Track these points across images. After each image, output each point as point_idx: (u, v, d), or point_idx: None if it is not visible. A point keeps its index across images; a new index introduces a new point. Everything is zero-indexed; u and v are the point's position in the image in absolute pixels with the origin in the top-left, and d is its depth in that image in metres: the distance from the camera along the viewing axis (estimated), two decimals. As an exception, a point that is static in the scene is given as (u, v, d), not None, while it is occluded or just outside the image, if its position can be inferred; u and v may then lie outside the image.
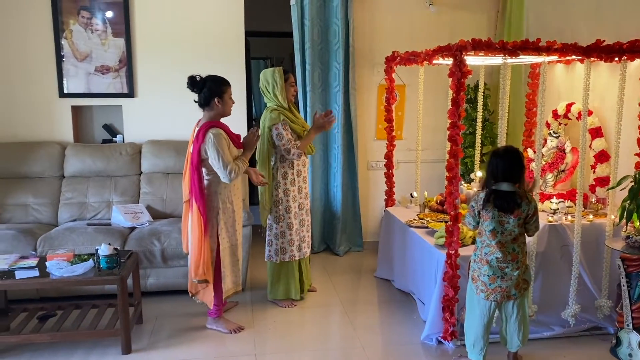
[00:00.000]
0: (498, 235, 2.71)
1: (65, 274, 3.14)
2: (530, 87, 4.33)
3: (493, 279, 2.74)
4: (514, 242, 2.74)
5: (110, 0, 4.56)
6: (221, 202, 3.33)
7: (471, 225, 2.87)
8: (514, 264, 2.74)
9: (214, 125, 3.27)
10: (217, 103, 3.29)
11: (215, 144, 3.19)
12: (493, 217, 2.71)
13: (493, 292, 2.75)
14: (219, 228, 3.34)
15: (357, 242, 5.20)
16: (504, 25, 4.88)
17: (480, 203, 2.75)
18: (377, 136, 5.13)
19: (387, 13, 4.97)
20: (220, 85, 3.31)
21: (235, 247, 3.46)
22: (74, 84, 4.63)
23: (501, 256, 2.72)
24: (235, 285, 3.51)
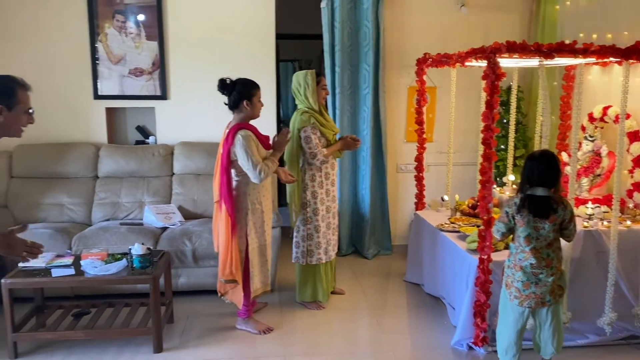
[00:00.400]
0: (533, 241, 2.66)
1: (100, 272, 3.21)
2: (564, 90, 4.25)
3: (527, 285, 2.69)
4: (548, 247, 2.69)
5: (143, 4, 4.64)
6: (250, 203, 3.36)
7: (499, 232, 2.78)
8: (549, 270, 2.68)
9: (243, 127, 3.30)
10: (246, 106, 3.32)
11: (244, 145, 3.21)
12: (528, 222, 2.66)
13: (527, 298, 2.70)
14: (247, 229, 3.36)
15: (385, 245, 5.17)
16: (537, 27, 4.80)
17: (514, 208, 2.70)
18: (407, 138, 5.10)
19: (417, 15, 4.94)
20: (249, 88, 3.34)
21: (264, 247, 3.48)
22: (108, 86, 4.72)
23: (535, 262, 2.66)
24: (263, 285, 3.53)
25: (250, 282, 3.43)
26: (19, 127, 2.30)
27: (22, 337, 3.23)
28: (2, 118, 2.21)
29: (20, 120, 2.28)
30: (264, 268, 3.51)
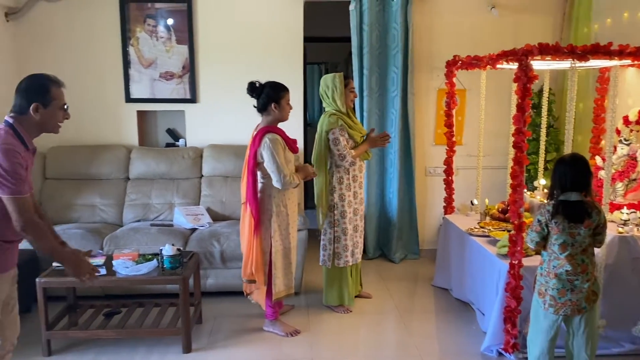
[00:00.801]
0: (569, 248, 2.59)
1: (131, 273, 3.26)
2: (598, 92, 4.15)
3: (563, 293, 2.62)
4: (583, 253, 2.62)
5: (174, 9, 4.71)
6: (275, 205, 3.37)
7: (533, 242, 2.71)
8: (584, 276, 2.62)
9: (271, 130, 3.32)
10: (274, 108, 3.35)
11: (271, 149, 3.24)
12: (563, 229, 2.58)
13: (563, 306, 2.63)
14: (272, 231, 3.38)
15: (413, 249, 5.13)
16: (570, 28, 4.71)
17: (547, 215, 2.64)
18: (436, 141, 5.06)
19: (447, 17, 4.90)
20: (277, 91, 3.36)
21: (289, 250, 3.48)
22: (139, 89, 4.80)
23: (571, 269, 2.60)
24: (287, 288, 3.52)
25: (272, 284, 3.44)
26: (56, 123, 2.35)
27: (55, 335, 3.30)
28: (39, 116, 2.26)
29: (57, 117, 2.34)
30: (287, 271, 3.51)
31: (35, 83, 2.27)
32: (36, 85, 2.26)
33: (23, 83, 2.30)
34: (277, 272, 3.44)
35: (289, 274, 3.53)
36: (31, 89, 2.26)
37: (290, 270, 3.53)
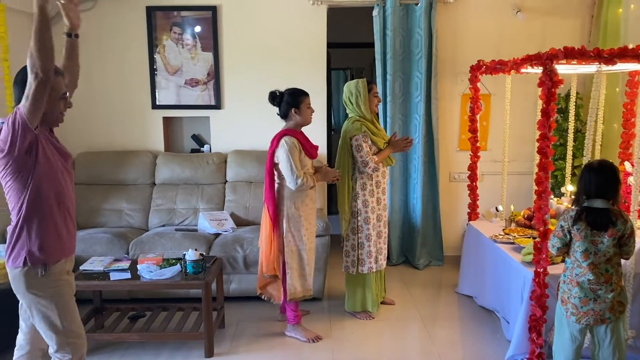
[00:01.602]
0: (591, 256, 2.54)
1: (155, 277, 3.30)
2: (628, 97, 4.05)
3: (585, 302, 2.57)
4: (607, 262, 2.56)
5: (199, 16, 4.78)
6: (287, 207, 3.40)
7: (555, 248, 2.67)
8: (608, 286, 2.55)
9: (288, 133, 3.38)
10: (295, 114, 3.40)
11: (287, 150, 3.30)
12: (585, 236, 2.53)
13: (585, 315, 2.58)
14: (284, 231, 3.41)
15: (437, 256, 5.08)
16: (599, 31, 4.62)
17: (570, 221, 2.58)
18: (460, 147, 5.01)
19: (472, 21, 4.86)
20: (296, 97, 3.41)
21: (303, 251, 3.47)
22: (166, 96, 4.88)
23: (593, 278, 2.54)
24: (304, 289, 3.51)
25: (286, 284, 3.45)
26: (58, 113, 2.32)
27: (82, 337, 3.36)
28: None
29: (58, 107, 2.31)
30: (303, 272, 3.50)
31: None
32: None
33: (19, 75, 2.26)
34: (292, 272, 3.45)
35: (305, 276, 3.51)
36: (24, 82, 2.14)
37: (306, 272, 3.51)
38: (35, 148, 2.21)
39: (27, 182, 2.22)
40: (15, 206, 2.27)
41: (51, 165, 2.28)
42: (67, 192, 2.38)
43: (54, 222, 2.31)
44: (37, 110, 2.14)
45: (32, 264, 2.26)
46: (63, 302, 2.34)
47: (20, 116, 2.14)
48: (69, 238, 2.40)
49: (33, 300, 2.30)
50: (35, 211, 2.26)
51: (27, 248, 2.26)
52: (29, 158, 2.20)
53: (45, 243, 2.28)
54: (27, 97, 2.10)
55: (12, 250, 2.28)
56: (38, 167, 2.23)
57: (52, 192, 2.29)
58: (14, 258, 2.28)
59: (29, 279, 2.28)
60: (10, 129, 2.14)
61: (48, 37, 2.07)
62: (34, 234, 2.26)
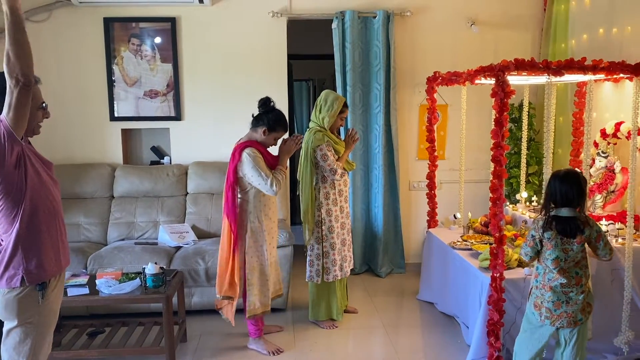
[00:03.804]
0: (561, 263, 2.61)
1: (114, 292, 3.24)
2: (577, 106, 4.23)
3: (558, 305, 2.64)
4: (576, 266, 2.64)
5: (158, 28, 4.75)
6: (250, 221, 3.38)
7: (528, 257, 2.74)
8: (579, 288, 2.64)
9: (250, 144, 3.36)
10: (263, 133, 3.38)
11: (252, 163, 3.27)
12: (556, 245, 2.60)
13: (559, 318, 2.65)
14: (247, 246, 3.38)
15: (399, 263, 5.15)
16: (548, 44, 4.81)
17: (540, 231, 2.65)
18: (419, 156, 5.11)
19: (428, 34, 4.98)
20: (276, 124, 3.40)
21: (264, 267, 3.45)
22: (124, 107, 4.82)
23: (565, 281, 2.61)
24: (263, 305, 3.48)
25: (246, 300, 3.43)
26: (36, 124, 2.23)
27: (38, 356, 3.26)
28: None
29: (37, 117, 2.22)
30: (263, 288, 3.47)
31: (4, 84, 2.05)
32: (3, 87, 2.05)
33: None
34: (253, 288, 3.42)
35: (266, 292, 3.48)
36: (3, 90, 2.05)
37: (267, 288, 3.48)
38: (24, 160, 2.12)
39: (21, 199, 2.12)
40: (7, 226, 2.15)
41: (40, 177, 2.20)
42: (57, 203, 2.30)
43: (51, 236, 2.23)
44: (22, 119, 2.06)
45: (29, 283, 2.16)
46: (44, 334, 2.25)
47: (5, 128, 2.04)
48: (64, 250, 2.33)
49: (17, 325, 2.19)
50: (31, 228, 2.16)
51: (23, 267, 2.15)
52: (18, 172, 2.11)
53: (43, 260, 2.19)
54: (10, 105, 2.01)
55: (5, 271, 2.15)
56: (29, 180, 2.14)
57: (45, 205, 2.21)
58: (7, 279, 2.15)
59: (22, 304, 2.17)
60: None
61: (24, 39, 1.99)
62: (31, 252, 2.16)
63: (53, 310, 2.29)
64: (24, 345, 2.20)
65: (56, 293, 2.30)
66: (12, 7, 1.95)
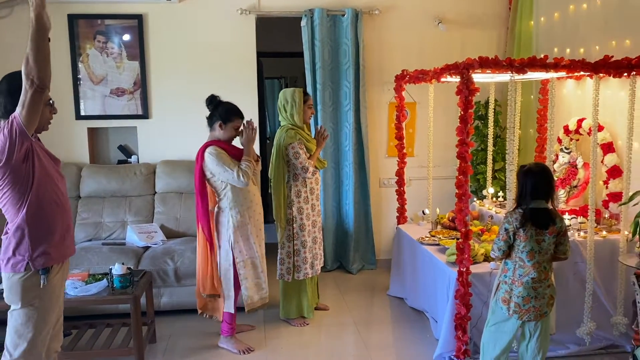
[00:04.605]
0: (536, 255, 2.66)
1: (80, 293, 3.19)
2: (541, 103, 4.33)
3: (527, 300, 2.69)
4: (546, 260, 2.71)
5: (125, 25, 4.68)
6: (232, 217, 3.36)
7: (500, 251, 2.75)
8: (546, 282, 2.70)
9: (211, 143, 3.34)
10: (219, 127, 3.36)
11: (215, 160, 3.26)
12: (531, 236, 2.65)
13: (527, 312, 2.70)
14: (232, 242, 3.36)
15: (370, 260, 5.19)
16: (513, 42, 4.90)
17: (515, 224, 2.69)
18: (389, 153, 5.15)
19: (396, 32, 5.02)
20: (228, 114, 3.37)
21: (256, 259, 3.45)
22: (90, 106, 4.73)
23: (536, 276, 2.67)
24: (261, 298, 3.49)
25: (237, 296, 3.43)
26: (46, 120, 2.37)
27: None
28: None
29: (45, 114, 2.34)
30: (258, 280, 3.47)
31: (16, 83, 2.20)
32: (18, 86, 2.18)
33: (4, 83, 2.29)
34: (248, 282, 3.42)
35: (261, 284, 3.49)
36: (13, 89, 2.20)
37: (262, 280, 3.49)
38: (32, 155, 2.25)
39: (27, 190, 2.26)
40: (13, 215, 2.29)
41: (47, 171, 2.33)
42: (64, 196, 2.43)
43: (56, 226, 2.35)
44: (34, 118, 2.20)
45: (34, 268, 2.29)
46: (46, 319, 2.36)
47: (17, 124, 2.17)
48: (69, 240, 2.47)
49: (22, 307, 2.31)
50: (37, 218, 2.29)
51: (29, 253, 2.28)
52: (26, 166, 2.24)
53: (48, 248, 2.31)
54: (24, 104, 2.15)
55: (11, 257, 2.29)
56: (36, 174, 2.27)
57: (51, 197, 2.33)
58: (13, 264, 2.29)
59: (25, 288, 2.30)
60: (7, 138, 2.17)
61: (45, 45, 2.11)
62: (36, 240, 2.29)
63: (55, 294, 2.40)
64: (25, 328, 2.32)
65: (59, 278, 2.42)
66: (38, 14, 2.09)
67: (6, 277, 2.31)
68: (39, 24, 2.09)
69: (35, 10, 2.08)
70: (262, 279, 3.49)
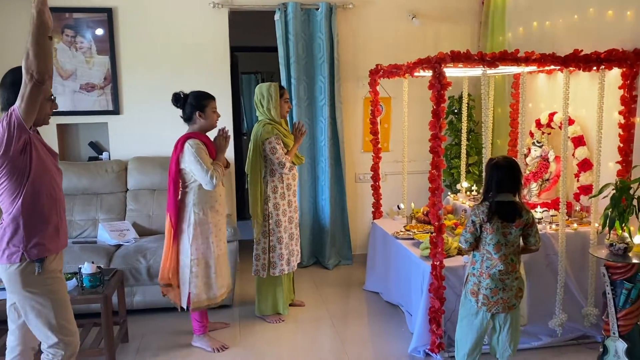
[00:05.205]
0: (502, 248, 2.68)
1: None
2: (513, 97, 4.36)
3: (495, 292, 2.71)
4: (513, 252, 2.73)
5: (94, 19, 4.58)
6: (195, 214, 3.32)
7: (467, 243, 2.78)
8: (513, 275, 2.72)
9: (192, 136, 3.30)
10: (200, 117, 3.32)
11: (194, 153, 3.21)
12: (497, 229, 2.67)
13: (495, 304, 2.72)
14: (191, 239, 3.31)
15: (346, 255, 5.18)
16: (486, 37, 4.92)
17: (482, 217, 2.70)
18: (364, 148, 5.14)
19: (370, 26, 5.01)
20: (200, 100, 3.34)
21: (211, 259, 3.39)
22: (59, 102, 4.45)
23: (503, 268, 2.69)
24: (209, 298, 3.41)
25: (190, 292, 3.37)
26: (46, 114, 2.39)
27: (-33, 363, 3.10)
28: None
29: (46, 109, 2.37)
30: (208, 281, 3.40)
31: (19, 77, 2.23)
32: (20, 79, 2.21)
33: (8, 77, 2.34)
34: (197, 280, 3.35)
35: (212, 284, 3.41)
36: (17, 83, 2.22)
37: (212, 281, 3.41)
38: (29, 148, 2.28)
39: (23, 181, 2.29)
40: (8, 205, 2.32)
41: (44, 164, 2.36)
42: (60, 189, 2.47)
43: (51, 218, 2.39)
44: (32, 111, 2.23)
45: (29, 259, 2.32)
46: (58, 299, 2.43)
47: (16, 117, 2.21)
48: (63, 233, 2.48)
49: (27, 298, 2.36)
50: (31, 209, 2.32)
51: (23, 244, 2.31)
52: (23, 158, 2.27)
53: (42, 239, 2.35)
54: (22, 98, 2.19)
55: (5, 248, 2.32)
56: (33, 166, 2.30)
57: (47, 190, 2.36)
58: (8, 255, 2.32)
59: (24, 277, 2.34)
60: (6, 130, 2.21)
61: (45, 41, 2.15)
62: (31, 231, 2.32)
63: (57, 277, 2.45)
64: (42, 315, 2.39)
65: (56, 264, 2.44)
66: (39, 11, 2.13)
67: (3, 269, 2.35)
68: (39, 20, 2.12)
69: (37, 7, 2.12)
70: (212, 279, 3.40)
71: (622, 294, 2.95)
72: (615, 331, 2.97)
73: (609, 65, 3.24)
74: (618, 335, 2.97)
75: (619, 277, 2.97)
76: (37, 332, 2.44)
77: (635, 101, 3.24)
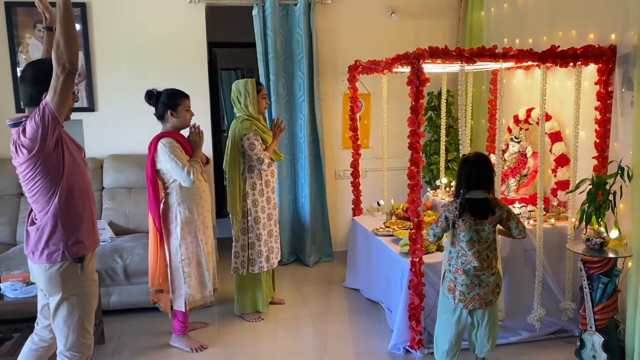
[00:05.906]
0: (475, 244, 2.68)
1: (20, 295, 3.05)
2: (492, 93, 4.38)
3: (471, 288, 2.71)
4: (487, 248, 2.73)
5: (68, 13, 4.47)
6: (180, 214, 3.27)
7: (436, 237, 2.80)
8: (489, 270, 2.72)
9: (164, 135, 3.25)
10: (171, 115, 3.27)
11: (168, 152, 3.16)
12: (470, 226, 2.67)
13: (472, 300, 2.73)
14: (180, 239, 3.28)
15: (326, 252, 5.16)
16: (465, 32, 4.93)
17: (455, 213, 2.70)
18: (344, 145, 5.12)
19: (349, 22, 4.98)
20: (173, 98, 3.28)
21: (201, 257, 3.37)
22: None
23: (478, 264, 2.69)
24: (203, 297, 3.41)
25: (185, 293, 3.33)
26: (69, 108, 2.34)
27: (-64, 368, 3.02)
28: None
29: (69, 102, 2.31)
30: (202, 279, 3.39)
31: (41, 70, 2.23)
32: (43, 73, 2.20)
33: (28, 71, 2.29)
34: (191, 281, 3.33)
35: (205, 282, 3.40)
36: (40, 77, 2.22)
37: (206, 279, 3.40)
38: (61, 143, 2.26)
39: (59, 179, 2.27)
40: (44, 204, 2.29)
41: (75, 159, 2.34)
42: (90, 184, 2.47)
43: (86, 214, 2.39)
44: (65, 103, 2.21)
45: (70, 257, 2.32)
46: (89, 303, 2.43)
47: (50, 110, 2.17)
48: (96, 230, 2.50)
49: (64, 299, 2.35)
50: (68, 206, 2.30)
51: (63, 243, 2.30)
52: (56, 154, 2.25)
53: (81, 236, 2.34)
54: (55, 90, 2.15)
55: (45, 248, 2.30)
56: (66, 162, 2.28)
57: (79, 186, 2.36)
58: (48, 255, 2.30)
59: (64, 278, 2.33)
60: (40, 125, 2.17)
61: (73, 32, 2.15)
62: (70, 229, 2.31)
63: (93, 280, 2.46)
64: (72, 317, 2.37)
65: (92, 265, 2.45)
66: (65, 1, 2.14)
67: (43, 269, 2.32)
68: (66, 9, 2.13)
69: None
70: (206, 277, 3.40)
71: (598, 288, 2.99)
72: (592, 325, 3.01)
73: (585, 61, 3.26)
74: (595, 329, 3.00)
75: (595, 272, 3.00)
76: (60, 332, 2.41)
77: (610, 97, 3.26)
